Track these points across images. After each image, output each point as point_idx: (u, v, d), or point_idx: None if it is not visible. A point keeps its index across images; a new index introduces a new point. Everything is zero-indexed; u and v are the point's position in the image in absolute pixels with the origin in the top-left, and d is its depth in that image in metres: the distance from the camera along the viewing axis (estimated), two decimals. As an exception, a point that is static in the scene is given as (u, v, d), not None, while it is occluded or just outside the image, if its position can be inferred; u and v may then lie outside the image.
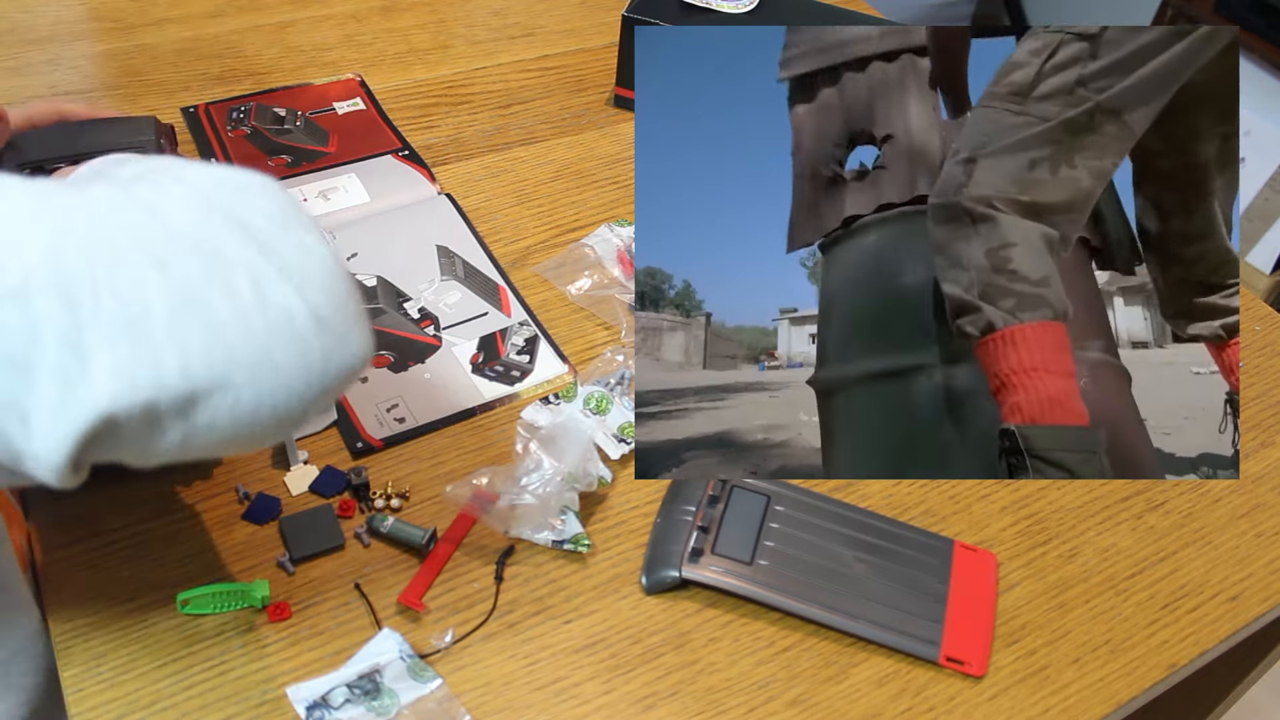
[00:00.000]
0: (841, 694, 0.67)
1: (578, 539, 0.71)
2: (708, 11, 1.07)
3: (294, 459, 0.74)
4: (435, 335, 0.85)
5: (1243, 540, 0.78)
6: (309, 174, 0.97)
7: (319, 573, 0.69)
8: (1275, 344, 0.94)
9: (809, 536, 0.72)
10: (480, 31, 1.19)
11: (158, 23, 1.14)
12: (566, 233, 0.96)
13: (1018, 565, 0.74)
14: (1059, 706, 0.67)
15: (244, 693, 0.63)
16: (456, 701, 0.64)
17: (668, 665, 0.67)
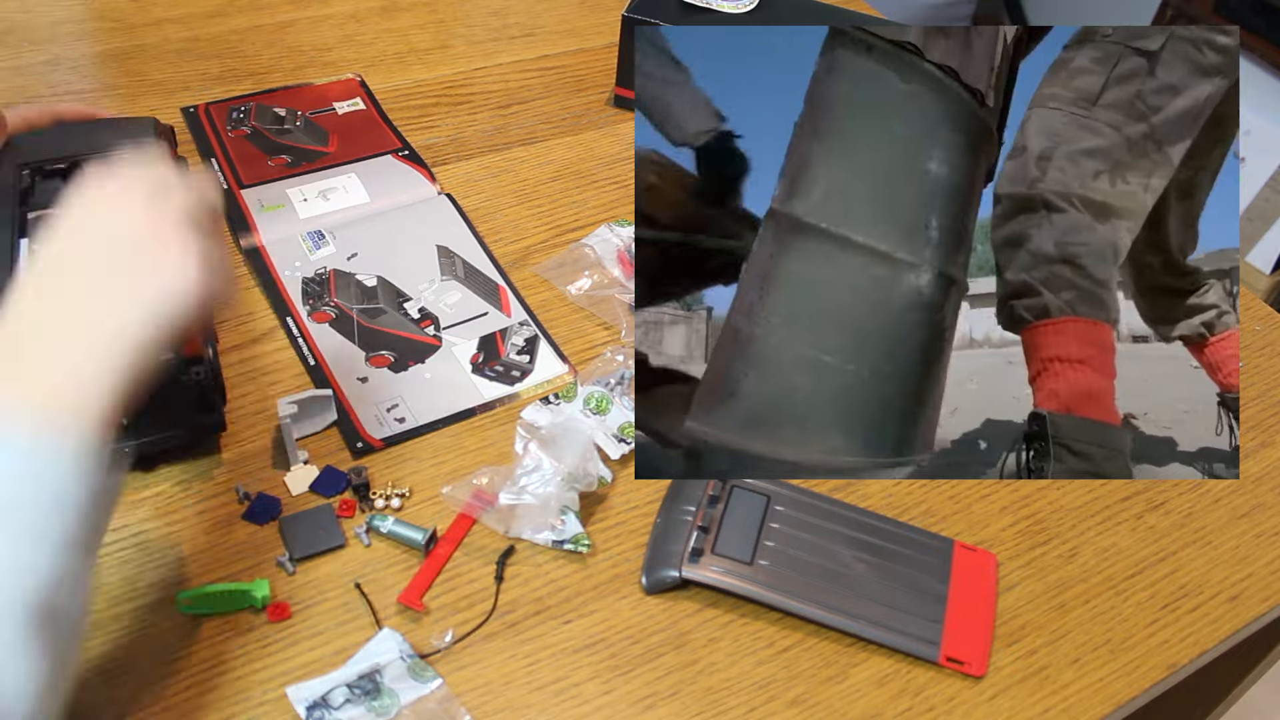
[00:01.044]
0: (841, 694, 0.67)
1: (578, 539, 0.71)
2: (708, 11, 1.07)
3: (294, 459, 0.74)
4: (435, 335, 0.85)
5: (1243, 540, 0.78)
6: (309, 174, 0.97)
7: (319, 573, 0.69)
8: (1275, 344, 0.94)
9: (809, 536, 0.72)
10: (480, 31, 1.19)
11: (158, 23, 1.14)
12: (566, 233, 0.96)
13: (1018, 565, 0.74)
14: (1059, 706, 0.67)
15: (244, 693, 0.63)
16: (456, 701, 0.64)
17: (668, 665, 0.67)
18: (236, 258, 0.89)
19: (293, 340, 0.83)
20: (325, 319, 0.85)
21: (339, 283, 0.88)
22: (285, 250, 0.90)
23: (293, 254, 0.90)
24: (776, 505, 0.74)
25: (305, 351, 0.82)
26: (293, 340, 0.83)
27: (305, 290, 0.87)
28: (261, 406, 0.78)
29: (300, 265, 0.89)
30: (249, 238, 0.90)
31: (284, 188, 0.95)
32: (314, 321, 0.85)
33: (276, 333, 0.84)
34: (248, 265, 0.89)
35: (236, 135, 1.01)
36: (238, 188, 0.95)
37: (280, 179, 0.96)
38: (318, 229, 0.92)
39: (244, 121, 1.02)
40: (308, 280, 0.88)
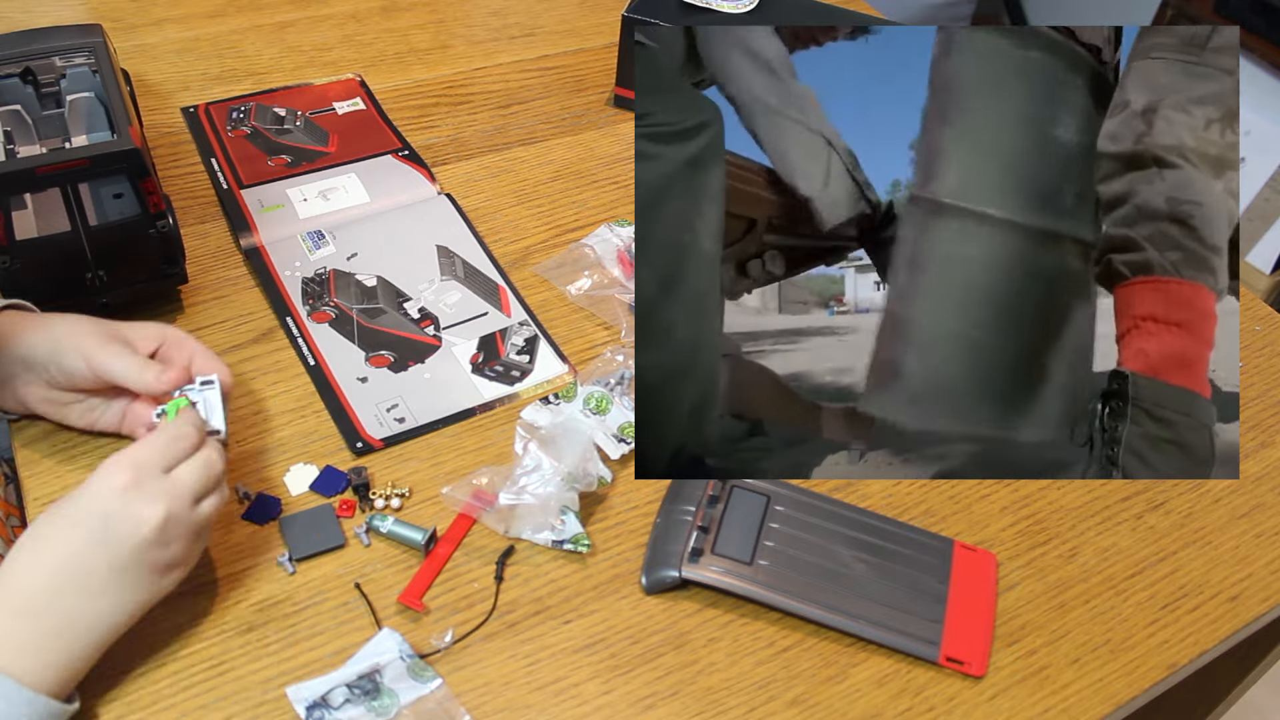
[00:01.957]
0: (841, 694, 0.67)
1: (578, 539, 0.71)
2: (708, 11, 1.07)
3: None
4: (435, 335, 0.85)
5: (1243, 540, 0.78)
6: (309, 174, 0.97)
7: (319, 573, 0.69)
8: (1275, 344, 0.94)
9: (809, 536, 0.72)
10: (480, 31, 1.19)
11: (158, 22, 1.13)
12: (566, 233, 0.96)
13: (1018, 565, 0.74)
14: (1059, 706, 0.67)
15: (244, 693, 0.63)
16: (456, 701, 0.64)
17: (668, 665, 0.67)
18: (236, 258, 0.89)
19: (292, 340, 0.83)
20: (325, 319, 0.85)
21: (339, 283, 0.88)
22: (285, 250, 0.90)
23: (293, 254, 0.90)
24: (776, 505, 0.74)
25: (305, 351, 0.82)
26: (292, 340, 0.83)
27: (305, 290, 0.87)
28: (261, 407, 0.78)
29: (300, 265, 0.89)
30: (249, 238, 0.90)
31: (284, 188, 0.95)
32: (314, 321, 0.85)
33: (276, 333, 0.84)
34: (248, 265, 0.89)
35: (236, 135, 1.01)
36: (238, 188, 0.95)
37: (280, 179, 0.96)
38: (318, 229, 0.92)
39: (244, 121, 1.02)
40: (308, 280, 0.88)
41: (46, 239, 0.76)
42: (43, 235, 0.75)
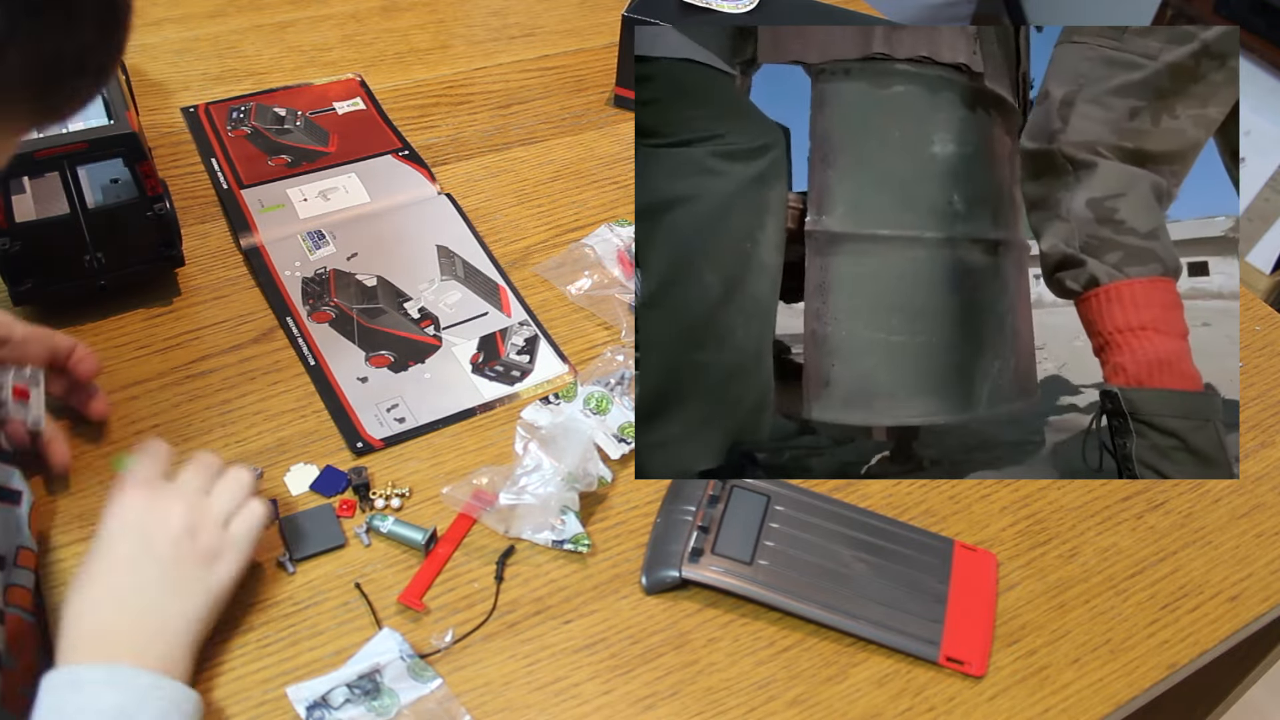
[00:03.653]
0: (841, 694, 0.67)
1: (578, 539, 0.71)
2: (708, 11, 1.07)
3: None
4: (435, 335, 0.85)
5: (1243, 540, 0.78)
6: (309, 174, 0.97)
7: (319, 573, 0.69)
8: (1275, 344, 0.94)
9: (809, 536, 0.72)
10: (480, 31, 1.19)
11: (157, 22, 1.13)
12: (566, 233, 0.96)
13: (1018, 565, 0.74)
14: (1059, 706, 0.67)
15: (244, 693, 0.63)
16: (456, 701, 0.64)
17: (668, 665, 0.67)
18: (236, 257, 0.89)
19: (293, 340, 0.83)
20: (325, 319, 0.85)
21: (339, 283, 0.88)
22: (285, 250, 0.90)
23: (293, 254, 0.90)
24: (776, 505, 0.74)
25: (305, 351, 0.82)
26: (293, 340, 0.83)
27: (305, 290, 0.87)
28: (261, 407, 0.78)
29: (300, 265, 0.89)
30: (249, 238, 0.90)
31: (284, 188, 0.95)
32: (314, 321, 0.85)
33: (276, 333, 0.84)
34: (248, 265, 0.89)
35: (236, 135, 1.01)
36: (238, 188, 0.95)
37: (280, 179, 0.96)
38: (318, 229, 0.92)
39: (244, 121, 1.02)
40: (308, 280, 0.88)
41: (45, 221, 0.76)
42: (41, 218, 0.76)
